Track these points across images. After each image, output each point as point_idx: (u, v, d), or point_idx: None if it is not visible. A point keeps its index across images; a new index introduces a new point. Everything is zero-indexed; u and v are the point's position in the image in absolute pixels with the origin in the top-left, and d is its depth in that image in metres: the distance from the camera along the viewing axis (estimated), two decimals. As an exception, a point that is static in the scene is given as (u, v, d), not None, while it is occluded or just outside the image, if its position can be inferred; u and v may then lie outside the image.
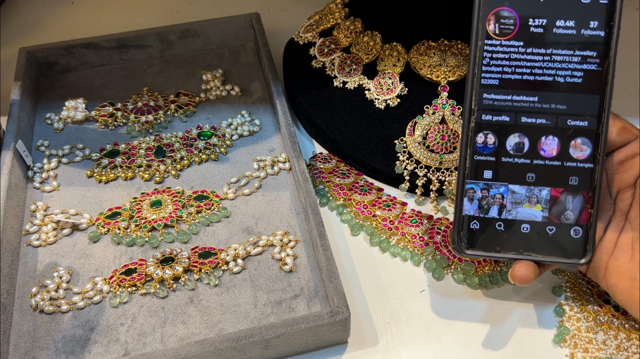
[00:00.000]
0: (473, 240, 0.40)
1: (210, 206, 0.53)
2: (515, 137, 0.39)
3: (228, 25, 0.68)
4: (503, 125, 0.39)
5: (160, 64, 0.68)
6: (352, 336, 0.45)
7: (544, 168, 0.39)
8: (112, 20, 0.78)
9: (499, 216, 0.39)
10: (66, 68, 0.67)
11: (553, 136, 0.39)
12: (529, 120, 0.39)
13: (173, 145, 0.58)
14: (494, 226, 0.39)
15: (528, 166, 0.39)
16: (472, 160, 0.39)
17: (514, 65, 0.38)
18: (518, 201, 0.39)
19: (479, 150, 0.39)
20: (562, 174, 0.39)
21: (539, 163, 0.39)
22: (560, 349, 0.43)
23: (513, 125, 0.39)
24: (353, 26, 0.60)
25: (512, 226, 0.39)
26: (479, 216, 0.39)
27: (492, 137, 0.39)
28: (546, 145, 0.39)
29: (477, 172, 0.39)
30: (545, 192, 0.39)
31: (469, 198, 0.39)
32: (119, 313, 0.46)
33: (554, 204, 0.39)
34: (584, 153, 0.39)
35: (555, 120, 0.39)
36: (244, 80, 0.66)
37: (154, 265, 0.48)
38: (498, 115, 0.39)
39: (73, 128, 0.61)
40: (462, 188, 0.39)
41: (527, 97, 0.39)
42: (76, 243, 0.51)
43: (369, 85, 0.57)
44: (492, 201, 0.39)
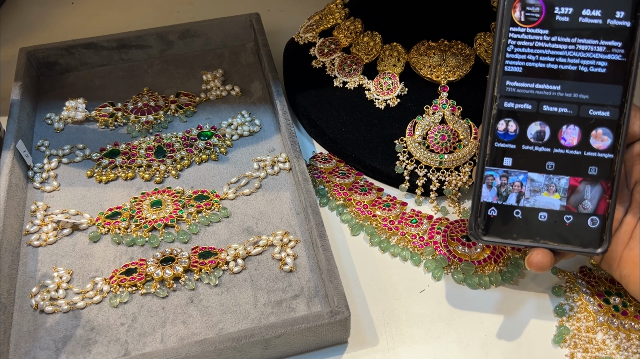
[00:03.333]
0: (490, 226, 0.40)
1: (211, 206, 0.53)
2: (537, 125, 0.39)
3: (228, 26, 0.68)
4: (525, 113, 0.39)
5: (160, 64, 0.68)
6: (352, 336, 0.45)
7: (564, 157, 0.39)
8: (112, 20, 0.78)
9: (517, 203, 0.39)
10: (66, 68, 0.67)
11: (574, 125, 0.39)
12: (550, 109, 0.39)
13: (173, 145, 0.58)
14: (512, 214, 0.39)
15: (548, 154, 0.39)
16: (492, 147, 0.39)
17: (538, 54, 0.38)
18: (537, 189, 0.39)
19: (500, 137, 0.39)
20: (582, 164, 0.39)
21: (559, 152, 0.39)
22: (560, 349, 0.43)
23: (535, 113, 0.39)
24: (353, 26, 0.60)
25: (530, 214, 0.39)
26: (497, 204, 0.39)
27: (513, 124, 0.39)
28: (567, 134, 0.39)
29: (496, 158, 0.39)
30: (564, 181, 0.39)
31: (487, 184, 0.39)
32: (119, 313, 0.46)
33: (572, 193, 0.39)
34: (604, 143, 0.38)
35: (577, 110, 0.38)
36: (244, 80, 0.66)
37: (154, 264, 0.48)
38: (520, 103, 0.39)
39: (73, 128, 0.61)
40: (482, 175, 0.39)
41: (550, 85, 0.39)
42: (76, 243, 0.51)
43: (369, 85, 0.57)
44: (511, 188, 0.39)
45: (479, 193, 0.40)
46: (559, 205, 0.39)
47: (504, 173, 0.39)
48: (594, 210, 0.39)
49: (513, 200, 0.39)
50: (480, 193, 0.40)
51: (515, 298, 0.47)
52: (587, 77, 0.38)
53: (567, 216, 0.39)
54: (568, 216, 0.39)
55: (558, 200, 0.39)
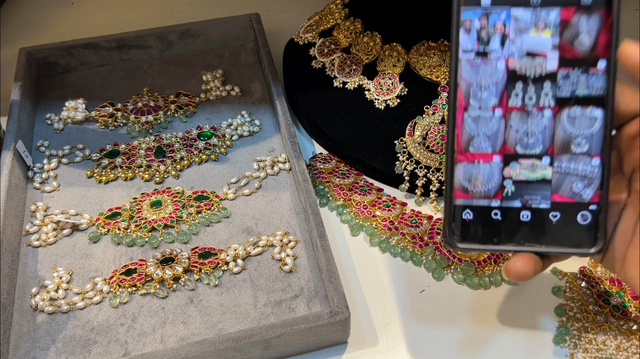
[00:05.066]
0: (466, 232, 0.35)
1: (210, 206, 0.53)
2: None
3: (228, 26, 0.68)
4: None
5: (160, 64, 0.68)
6: (352, 337, 0.45)
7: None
8: (112, 20, 0.78)
9: (501, 48, 0.33)
10: (66, 68, 0.67)
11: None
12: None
13: (173, 146, 0.58)
14: (490, 215, 0.35)
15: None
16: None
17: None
18: (523, 27, 0.33)
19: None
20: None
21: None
22: (560, 350, 0.43)
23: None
24: (353, 26, 0.60)
25: (510, 214, 0.34)
26: (473, 206, 0.34)
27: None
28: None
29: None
30: (555, 15, 0.33)
31: (465, 29, 0.33)
32: (119, 313, 0.46)
33: (565, 28, 0.33)
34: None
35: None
36: (244, 81, 0.66)
37: (154, 265, 0.48)
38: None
39: (73, 128, 0.61)
40: (458, 13, 0.33)
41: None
42: (76, 244, 0.51)
43: (368, 85, 0.57)
44: (493, 30, 0.33)
45: (450, 186, 0.34)
46: (551, 44, 0.33)
47: (483, 13, 0.33)
48: (585, 199, 0.34)
49: (496, 45, 0.33)
50: (453, 176, 0.34)
51: (515, 298, 0.47)
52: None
53: (554, 213, 0.34)
54: (555, 214, 0.34)
55: (549, 37, 0.33)
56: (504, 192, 0.34)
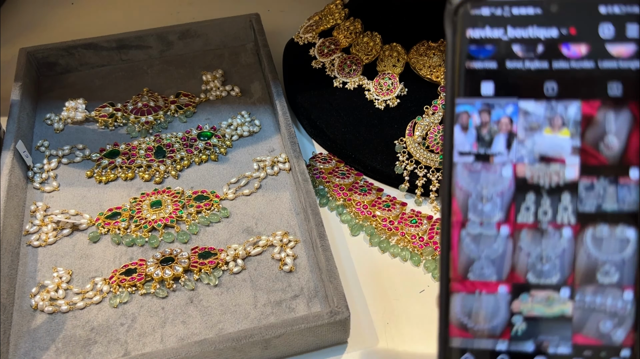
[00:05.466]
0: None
1: (210, 206, 0.53)
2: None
3: (228, 26, 0.68)
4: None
5: (160, 65, 0.68)
6: (351, 337, 0.45)
7: (570, 74, 0.25)
8: (112, 20, 0.78)
9: (507, 151, 0.26)
10: (66, 68, 0.67)
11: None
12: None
13: (173, 146, 0.58)
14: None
15: (546, 72, 0.25)
16: (462, 70, 0.26)
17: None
18: (534, 125, 0.26)
19: (473, 54, 0.26)
20: (597, 80, 0.25)
21: (563, 68, 0.25)
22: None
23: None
24: (353, 27, 0.60)
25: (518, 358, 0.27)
26: (474, 348, 0.27)
27: (491, 31, 0.26)
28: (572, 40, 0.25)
29: (471, 85, 0.26)
30: (574, 108, 0.25)
31: (462, 126, 0.26)
32: (119, 313, 0.46)
33: (588, 126, 0.25)
34: (629, 46, 0.25)
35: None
36: (244, 81, 0.66)
37: (154, 265, 0.48)
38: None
39: (73, 128, 0.61)
40: (452, 112, 0.26)
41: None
42: (76, 244, 0.51)
43: (368, 85, 0.57)
44: (496, 128, 0.26)
45: (446, 269, 0.26)
46: (570, 146, 0.25)
47: (484, 106, 0.26)
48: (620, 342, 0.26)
49: (501, 147, 0.26)
50: (448, 309, 0.26)
51: (515, 298, 0.47)
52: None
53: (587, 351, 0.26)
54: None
55: (568, 138, 0.25)
56: (512, 331, 0.26)
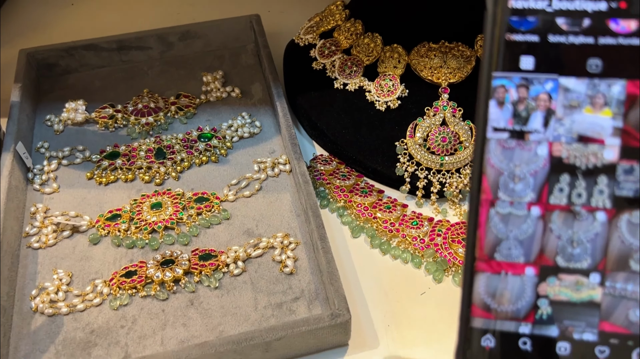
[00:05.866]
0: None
1: (211, 208, 0.53)
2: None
3: (228, 27, 0.68)
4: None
5: (160, 66, 0.68)
6: (352, 339, 0.45)
7: (616, 50, 0.24)
8: (112, 21, 0.78)
9: (544, 128, 0.25)
10: (66, 69, 0.67)
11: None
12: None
13: (173, 147, 0.58)
14: (517, 344, 0.26)
15: (591, 47, 0.25)
16: (502, 42, 0.25)
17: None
18: (574, 103, 0.25)
19: (514, 25, 0.25)
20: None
21: (609, 44, 0.24)
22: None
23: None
24: (354, 28, 0.60)
25: (544, 345, 0.26)
26: (496, 329, 0.26)
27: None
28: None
29: (510, 59, 0.25)
30: (618, 87, 0.24)
31: (497, 101, 0.25)
32: (119, 316, 0.46)
33: (631, 107, 0.25)
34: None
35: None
36: (244, 82, 0.66)
37: (154, 267, 0.48)
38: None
39: (73, 130, 0.61)
40: (488, 86, 0.25)
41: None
42: (76, 245, 0.51)
43: (369, 87, 0.57)
44: (534, 104, 0.25)
45: (472, 248, 0.26)
46: (612, 127, 0.25)
47: (522, 80, 0.25)
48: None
49: (538, 124, 0.25)
50: (471, 288, 0.26)
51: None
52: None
53: (601, 348, 0.26)
54: (602, 349, 0.26)
55: (610, 118, 0.25)
56: (537, 315, 0.26)
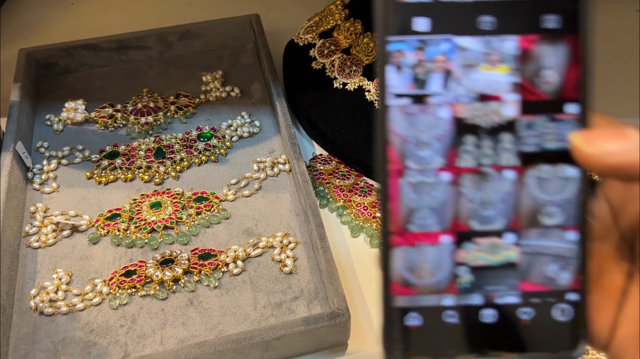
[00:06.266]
0: (412, 342, 0.26)
1: (210, 207, 0.53)
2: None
3: (228, 27, 0.68)
4: None
5: (160, 65, 0.68)
6: (352, 338, 0.45)
7: (507, 5, 0.25)
8: (111, 21, 0.78)
9: (444, 88, 0.25)
10: (66, 69, 0.67)
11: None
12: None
13: (173, 147, 0.58)
14: (441, 318, 0.26)
15: (482, 4, 0.25)
16: (393, 4, 0.24)
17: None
18: (471, 62, 0.25)
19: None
20: (534, 13, 0.25)
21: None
22: (561, 351, 0.43)
23: None
24: (353, 27, 0.60)
25: (469, 314, 0.25)
26: (418, 305, 0.25)
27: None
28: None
29: (403, 22, 0.24)
30: (512, 44, 0.25)
31: (395, 65, 0.24)
32: (119, 315, 0.46)
33: (526, 62, 0.25)
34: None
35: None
36: (243, 82, 0.66)
37: (154, 266, 0.48)
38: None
39: (73, 129, 0.61)
40: (383, 50, 0.24)
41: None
42: (76, 245, 0.51)
43: (369, 86, 0.57)
44: (432, 66, 0.25)
45: (385, 222, 0.25)
46: (509, 82, 0.25)
47: (418, 43, 0.24)
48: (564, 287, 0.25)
49: (437, 86, 0.25)
50: (389, 266, 0.25)
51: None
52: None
53: (525, 309, 0.26)
54: (525, 310, 0.26)
55: (507, 74, 0.25)
56: (458, 284, 0.25)
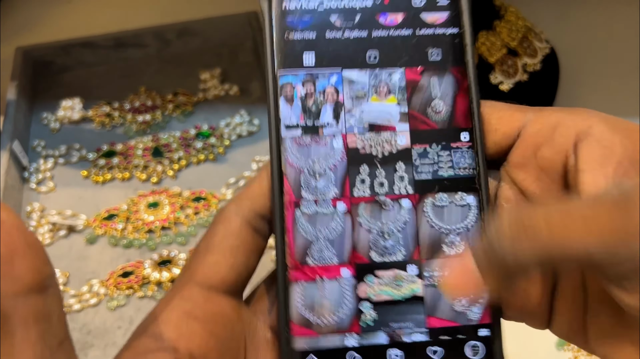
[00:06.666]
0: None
1: (209, 207, 0.52)
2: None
3: (227, 24, 0.68)
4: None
5: (157, 63, 0.67)
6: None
7: (390, 41, 0.26)
8: (109, 18, 0.77)
9: (336, 122, 0.25)
10: (63, 67, 0.66)
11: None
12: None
13: (171, 146, 0.57)
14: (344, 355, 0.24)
15: (366, 40, 0.25)
16: (281, 41, 0.25)
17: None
18: (360, 93, 0.25)
19: (290, 24, 0.25)
20: (417, 46, 0.26)
21: (381, 35, 0.26)
22: (564, 353, 0.43)
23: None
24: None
25: (375, 356, 0.24)
26: (319, 348, 0.23)
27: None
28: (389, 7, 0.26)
29: (291, 56, 0.25)
30: (399, 76, 0.25)
31: (286, 98, 0.25)
32: (116, 316, 0.45)
33: (413, 92, 0.25)
34: (442, 14, 0.26)
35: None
36: (242, 80, 0.65)
37: (152, 267, 0.48)
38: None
39: (70, 128, 0.61)
40: (275, 84, 0.25)
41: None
42: (73, 245, 0.50)
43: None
44: (322, 98, 0.25)
45: (282, 256, 0.24)
46: (399, 113, 0.25)
47: (308, 76, 0.25)
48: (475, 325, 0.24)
49: (329, 118, 0.25)
50: (288, 304, 0.24)
51: (517, 300, 0.46)
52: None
53: (433, 348, 0.24)
54: (434, 349, 0.24)
55: (395, 105, 0.25)
56: (361, 322, 0.24)
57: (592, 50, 0.66)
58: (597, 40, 0.66)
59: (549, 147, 0.23)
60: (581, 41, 0.66)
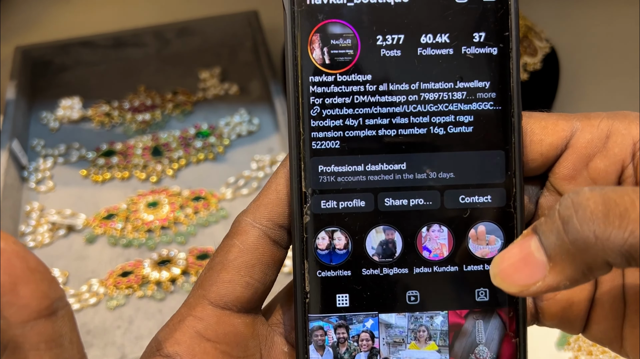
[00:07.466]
0: None
1: (208, 206, 0.52)
2: (379, 233, 0.24)
3: (226, 23, 0.68)
4: (357, 215, 0.24)
5: (157, 63, 0.67)
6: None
7: (434, 279, 0.24)
8: (108, 18, 0.77)
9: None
10: (62, 67, 0.66)
11: (440, 224, 0.24)
12: (397, 203, 0.24)
13: (170, 145, 0.57)
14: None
15: (407, 278, 0.24)
16: (313, 280, 0.24)
17: (362, 115, 0.23)
18: (398, 340, 0.24)
19: (323, 260, 0.24)
20: (464, 286, 0.24)
21: (425, 272, 0.24)
22: (564, 353, 0.43)
23: (373, 213, 0.24)
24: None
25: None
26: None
27: (341, 236, 0.24)
28: (431, 240, 0.24)
29: (324, 299, 0.24)
30: (441, 319, 0.24)
31: (316, 345, 0.24)
32: (116, 316, 0.45)
33: (456, 337, 0.24)
34: (492, 247, 0.24)
35: (439, 199, 0.24)
36: (242, 79, 0.65)
37: (151, 266, 0.48)
38: (346, 199, 0.24)
39: (69, 127, 0.61)
40: (305, 330, 0.23)
41: (390, 164, 0.24)
42: (72, 245, 0.50)
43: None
44: (356, 345, 0.24)
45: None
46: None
47: (340, 321, 0.24)
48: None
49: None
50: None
51: (518, 300, 0.46)
52: (446, 143, 0.23)
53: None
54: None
55: (436, 352, 0.24)
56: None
57: (592, 49, 0.65)
58: (597, 40, 0.66)
59: (603, 157, 0.22)
60: (581, 40, 0.66)
